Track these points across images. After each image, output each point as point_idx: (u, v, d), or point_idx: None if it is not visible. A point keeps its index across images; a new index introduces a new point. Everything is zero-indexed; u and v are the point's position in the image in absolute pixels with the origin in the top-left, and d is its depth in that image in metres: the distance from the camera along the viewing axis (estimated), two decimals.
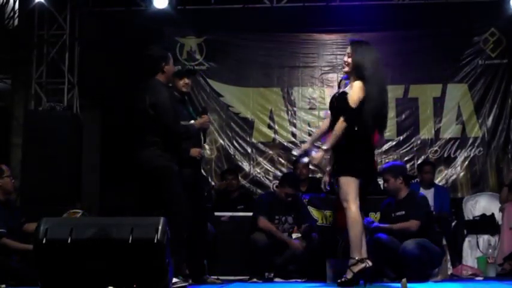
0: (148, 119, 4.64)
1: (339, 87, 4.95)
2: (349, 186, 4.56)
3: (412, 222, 5.57)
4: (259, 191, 8.23)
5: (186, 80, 5.27)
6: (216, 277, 5.43)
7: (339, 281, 4.55)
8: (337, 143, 4.59)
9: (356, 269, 4.49)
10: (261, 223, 6.05)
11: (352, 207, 4.54)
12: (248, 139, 8.43)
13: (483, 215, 7.16)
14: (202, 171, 6.08)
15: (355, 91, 4.60)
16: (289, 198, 6.16)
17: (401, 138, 8.30)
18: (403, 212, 5.65)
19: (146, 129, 4.67)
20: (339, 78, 5.60)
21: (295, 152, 6.17)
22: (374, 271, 4.71)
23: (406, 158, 8.21)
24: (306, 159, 5.38)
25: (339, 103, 4.69)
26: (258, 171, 8.38)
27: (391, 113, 7.83)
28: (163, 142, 4.65)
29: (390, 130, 8.00)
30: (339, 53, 8.20)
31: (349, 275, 4.49)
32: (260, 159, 8.39)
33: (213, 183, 7.92)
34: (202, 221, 5.27)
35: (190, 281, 4.90)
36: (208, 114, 5.30)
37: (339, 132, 4.55)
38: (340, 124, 4.55)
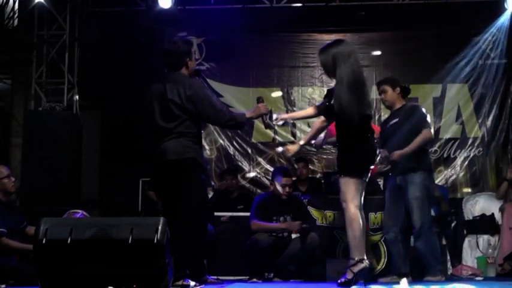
0: (182, 112, 4.53)
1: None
2: (348, 186, 4.57)
3: (424, 133, 5.43)
4: (259, 191, 8.22)
5: None
6: (216, 277, 5.42)
7: (339, 281, 4.55)
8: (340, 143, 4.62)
9: (356, 269, 4.51)
10: (253, 226, 6.01)
11: (351, 208, 4.55)
12: (248, 139, 8.43)
13: (483, 215, 7.16)
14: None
15: (342, 93, 4.57)
16: (287, 189, 6.08)
17: None
18: (397, 119, 5.53)
19: (175, 121, 4.53)
20: None
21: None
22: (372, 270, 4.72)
23: None
24: (280, 149, 5.24)
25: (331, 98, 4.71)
26: (258, 171, 8.38)
27: None
28: (195, 135, 4.59)
29: None
30: None
31: (349, 275, 4.51)
32: (260, 159, 8.39)
33: (212, 183, 7.91)
34: (206, 221, 5.24)
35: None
36: (264, 103, 5.08)
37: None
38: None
